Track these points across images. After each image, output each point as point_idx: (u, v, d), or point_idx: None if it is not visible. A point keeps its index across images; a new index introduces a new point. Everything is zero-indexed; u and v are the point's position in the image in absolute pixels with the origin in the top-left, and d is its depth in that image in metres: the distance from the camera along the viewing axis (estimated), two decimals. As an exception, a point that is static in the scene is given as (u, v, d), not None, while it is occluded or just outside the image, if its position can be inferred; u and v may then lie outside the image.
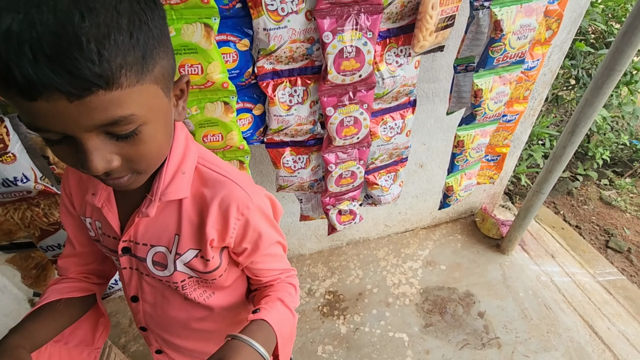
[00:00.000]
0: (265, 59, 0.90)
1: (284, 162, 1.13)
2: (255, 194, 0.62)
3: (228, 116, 0.91)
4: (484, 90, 1.06)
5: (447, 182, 1.28)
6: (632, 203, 2.61)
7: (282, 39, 0.86)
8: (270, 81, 0.95)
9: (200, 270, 0.63)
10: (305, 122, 1.04)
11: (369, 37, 0.87)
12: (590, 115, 1.47)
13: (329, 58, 0.88)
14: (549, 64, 1.68)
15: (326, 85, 0.94)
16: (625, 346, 1.72)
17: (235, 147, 0.99)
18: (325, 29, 0.84)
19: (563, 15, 1.02)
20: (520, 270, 2.06)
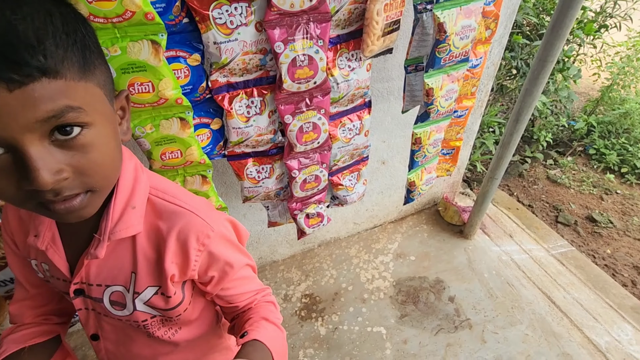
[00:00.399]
0: (219, 72, 0.89)
1: (248, 174, 1.13)
2: (215, 221, 0.59)
3: (185, 132, 0.90)
4: (435, 89, 1.11)
5: (409, 178, 1.33)
6: (574, 179, 2.85)
7: (234, 51, 0.85)
8: (226, 94, 0.94)
9: (162, 308, 0.60)
10: (265, 132, 1.04)
11: (320, 45, 0.89)
12: (530, 104, 1.59)
13: (283, 67, 0.89)
14: (491, 58, 1.80)
15: (282, 94, 0.95)
16: (580, 311, 1.88)
17: (196, 162, 0.97)
18: (276, 39, 0.85)
19: (499, 15, 1.10)
20: (483, 252, 2.18)
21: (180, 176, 0.99)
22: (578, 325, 1.81)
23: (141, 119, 0.84)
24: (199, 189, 1.03)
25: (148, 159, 0.92)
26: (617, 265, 2.26)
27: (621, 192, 2.71)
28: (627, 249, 2.35)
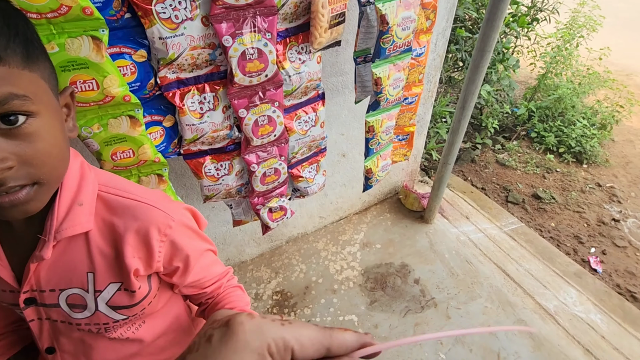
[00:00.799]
0: (167, 68, 0.88)
1: (206, 172, 1.12)
2: (174, 211, 0.60)
3: (136, 130, 0.88)
4: (383, 78, 1.17)
5: (366, 165, 1.38)
6: (520, 161, 3.08)
7: (181, 46, 0.85)
8: (177, 90, 0.93)
9: (127, 304, 0.59)
10: (220, 128, 1.04)
11: (268, 38, 0.91)
12: (474, 91, 1.70)
13: (233, 61, 0.90)
14: (436, 50, 1.90)
15: (234, 88, 0.96)
16: (531, 281, 2.04)
17: (150, 161, 0.95)
18: (224, 33, 0.85)
19: (437, 6, 1.18)
20: (443, 234, 2.30)
21: (135, 176, 0.97)
22: (530, 294, 1.97)
23: (87, 118, 0.81)
24: (156, 189, 1.00)
25: (98, 160, 0.89)
26: (560, 236, 2.48)
27: (560, 170, 2.97)
28: (568, 221, 2.58)
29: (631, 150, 3.18)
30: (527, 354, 1.69)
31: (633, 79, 4.31)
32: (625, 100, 3.14)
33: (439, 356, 1.71)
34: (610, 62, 4.37)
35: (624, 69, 4.55)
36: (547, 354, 1.68)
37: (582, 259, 2.32)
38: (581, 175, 2.92)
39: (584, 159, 3.01)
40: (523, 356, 1.69)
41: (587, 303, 1.93)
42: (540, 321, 1.83)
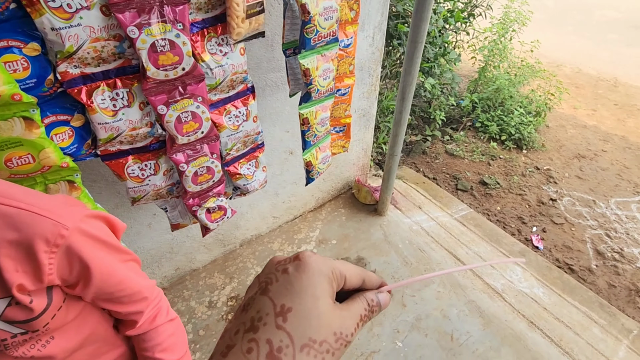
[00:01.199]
0: (67, 62, 0.81)
1: (129, 172, 1.05)
2: (68, 218, 0.55)
3: (33, 132, 0.80)
4: (311, 69, 1.16)
5: (305, 158, 1.37)
6: (467, 150, 3.22)
7: (80, 38, 0.79)
8: (82, 87, 0.86)
9: (23, 319, 0.53)
10: (140, 126, 0.98)
11: (180, 29, 0.86)
12: (411, 82, 1.75)
13: (142, 54, 0.85)
14: (375, 44, 1.94)
15: (149, 83, 0.90)
16: (480, 262, 2.13)
17: (57, 167, 0.87)
18: (128, 23, 0.80)
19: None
20: (396, 225, 2.35)
21: (40, 185, 0.88)
22: (479, 275, 2.05)
23: (-29, 121, 0.73)
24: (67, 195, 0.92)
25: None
26: (505, 218, 2.61)
27: (503, 156, 3.14)
28: (512, 203, 2.72)
29: (564, 134, 3.43)
30: (478, 332, 1.75)
31: (562, 69, 4.67)
32: (555, 89, 3.39)
33: (396, 344, 1.73)
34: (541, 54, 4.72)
35: (554, 60, 4.92)
36: (496, 330, 1.76)
37: (526, 238, 2.45)
38: (522, 160, 3.11)
39: (523, 145, 3.20)
40: (474, 334, 1.75)
41: (530, 279, 2.04)
42: (489, 300, 1.90)
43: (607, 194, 2.78)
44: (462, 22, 3.06)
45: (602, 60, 4.91)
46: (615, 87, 4.28)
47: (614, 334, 1.77)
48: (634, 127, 3.57)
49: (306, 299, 0.28)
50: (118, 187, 1.47)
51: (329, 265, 0.30)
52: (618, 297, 2.09)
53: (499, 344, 1.70)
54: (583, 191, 2.80)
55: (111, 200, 1.47)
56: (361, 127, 2.25)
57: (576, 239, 2.43)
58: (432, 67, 2.95)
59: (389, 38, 2.68)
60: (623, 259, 2.29)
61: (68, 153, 0.91)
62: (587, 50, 5.21)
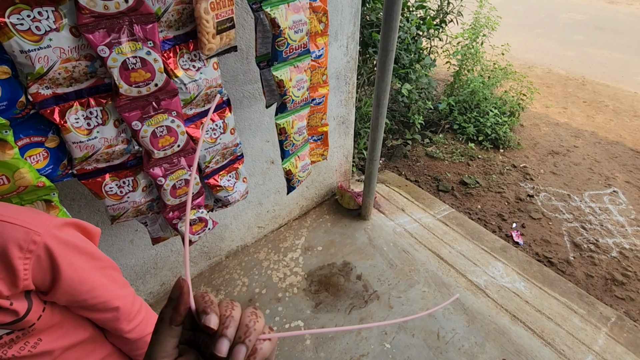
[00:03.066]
0: (38, 84, 0.82)
1: (107, 190, 1.05)
2: (40, 225, 0.56)
3: (7, 153, 0.80)
4: (285, 81, 1.19)
5: (285, 167, 1.39)
6: (446, 152, 3.30)
7: (50, 59, 0.80)
8: (55, 107, 0.87)
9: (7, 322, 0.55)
10: (115, 143, 0.99)
11: (150, 47, 0.89)
12: (385, 89, 1.80)
13: (114, 72, 0.86)
14: (349, 53, 1.99)
15: (122, 100, 0.92)
16: (463, 261, 2.18)
17: (33, 186, 0.87)
18: (98, 43, 0.82)
19: (327, 9, 1.24)
20: (380, 229, 2.38)
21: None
22: (462, 273, 2.10)
23: (-60, 145, 0.73)
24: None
25: (-37, 190, 0.80)
26: (486, 216, 2.69)
27: (481, 156, 3.24)
28: (492, 201, 2.80)
29: (537, 132, 3.56)
30: (463, 329, 1.79)
31: (533, 70, 4.86)
32: (527, 89, 3.53)
33: (385, 346, 1.75)
34: (513, 57, 4.90)
35: (525, 62, 5.11)
36: (480, 325, 1.80)
37: (506, 234, 2.53)
38: (499, 159, 3.21)
39: (500, 144, 3.31)
40: (460, 331, 1.78)
41: (512, 274, 2.10)
42: (472, 296, 1.95)
43: (581, 188, 2.89)
44: (435, 28, 3.16)
45: (570, 60, 5.13)
46: (583, 86, 4.47)
47: (593, 323, 1.83)
48: (602, 122, 3.73)
49: None
50: (98, 204, 1.46)
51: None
52: (595, 286, 2.17)
53: (483, 339, 1.74)
54: (558, 186, 2.91)
55: (91, 218, 1.46)
56: (341, 134, 2.29)
57: (554, 232, 2.51)
58: (408, 73, 3.04)
59: (364, 46, 2.75)
60: (599, 250, 2.38)
61: (44, 174, 0.91)
62: (555, 51, 5.44)
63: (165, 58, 0.97)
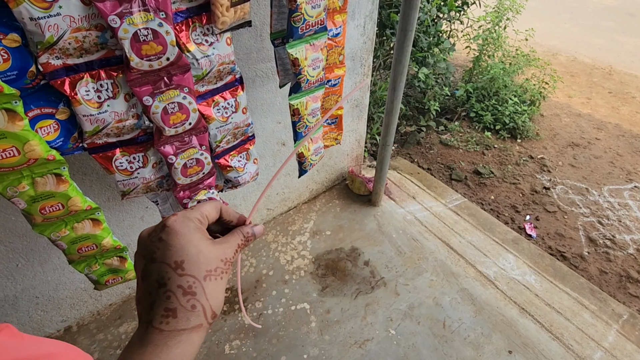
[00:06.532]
0: (48, 53, 0.80)
1: (117, 165, 1.05)
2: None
3: (17, 124, 0.79)
4: (300, 59, 1.15)
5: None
6: (461, 140, 3.22)
7: (60, 28, 0.77)
8: (66, 78, 0.85)
9: None
10: (126, 118, 0.98)
11: (162, 18, 0.85)
12: (402, 72, 1.74)
13: (125, 44, 0.83)
14: (366, 33, 1.92)
15: (133, 73, 0.89)
16: (472, 251, 2.15)
17: (43, 159, 0.86)
18: (109, 12, 0.79)
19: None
20: (390, 215, 2.36)
21: (27, 178, 0.88)
22: (472, 263, 2.07)
23: (-49, 113, 0.72)
24: (55, 190, 0.92)
25: (-25, 160, 0.80)
26: (499, 207, 2.63)
27: (497, 146, 3.15)
28: (506, 192, 2.74)
29: (558, 123, 3.44)
30: (470, 319, 1.78)
31: (557, 57, 4.66)
32: (550, 78, 3.38)
33: (389, 332, 1.75)
34: (536, 43, 4.70)
35: (549, 49, 4.90)
36: (487, 316, 1.78)
37: (519, 226, 2.47)
38: (516, 150, 3.12)
39: (518, 134, 3.21)
40: (466, 321, 1.77)
41: (523, 266, 2.06)
42: (481, 288, 1.93)
43: (600, 182, 2.79)
44: (456, 10, 3.03)
45: (597, 48, 4.90)
46: (610, 75, 4.27)
47: (604, 319, 1.79)
48: (627, 114, 3.58)
49: (188, 248, 0.36)
50: (108, 180, 1.46)
51: (190, 216, 0.39)
52: (609, 283, 2.12)
53: (490, 330, 1.73)
54: (576, 179, 2.82)
55: (102, 194, 1.47)
56: (354, 117, 2.24)
57: (569, 226, 2.45)
58: (426, 57, 2.93)
59: (382, 28, 2.66)
60: (615, 246, 2.32)
61: (54, 147, 0.91)
62: (582, 38, 5.19)
63: (177, 31, 0.94)
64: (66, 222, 1.01)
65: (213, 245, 0.38)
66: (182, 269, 0.35)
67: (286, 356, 1.67)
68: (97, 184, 1.43)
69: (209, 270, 0.37)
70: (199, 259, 0.36)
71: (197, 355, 1.68)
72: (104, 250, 1.13)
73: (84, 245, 1.07)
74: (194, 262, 0.36)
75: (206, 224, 0.41)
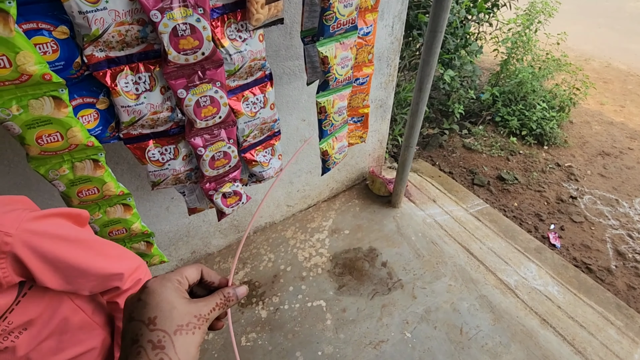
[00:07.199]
0: (93, 46, 0.84)
1: (150, 156, 1.08)
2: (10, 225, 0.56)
3: (62, 111, 0.83)
4: (330, 57, 1.16)
5: (321, 147, 1.37)
6: (485, 145, 3.15)
7: (105, 22, 0.81)
8: (107, 70, 0.89)
9: None
10: (160, 110, 1.01)
11: (200, 13, 0.88)
12: (429, 73, 1.72)
13: (164, 38, 0.87)
14: (394, 33, 1.91)
15: (170, 67, 0.93)
16: (493, 258, 2.11)
17: (83, 145, 0.91)
18: (151, 7, 0.82)
19: (380, -16, 1.17)
20: (410, 218, 2.34)
21: (67, 162, 0.92)
22: (492, 270, 2.03)
23: (4, 99, 0.77)
24: (92, 175, 0.96)
25: (22, 145, 0.84)
26: (522, 215, 2.56)
27: (523, 152, 3.07)
28: (530, 200, 2.67)
29: (588, 130, 3.32)
30: (488, 327, 1.74)
31: (590, 63, 4.49)
32: (582, 83, 3.27)
33: (405, 335, 1.74)
34: (568, 47, 4.54)
35: (582, 54, 4.72)
36: (507, 325, 1.74)
37: (542, 235, 2.41)
38: (542, 156, 3.03)
39: (545, 140, 3.11)
40: (484, 329, 1.74)
41: (545, 276, 2.01)
42: (500, 296, 1.89)
43: (632, 194, 2.68)
44: (485, 12, 2.97)
45: (633, 54, 4.69)
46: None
47: (630, 337, 1.73)
48: (664, 125, 3.41)
49: (162, 305, 0.37)
50: (139, 170, 1.51)
51: (170, 277, 0.40)
52: (637, 299, 2.03)
53: (509, 340, 1.69)
54: (606, 190, 2.72)
55: (132, 183, 1.52)
56: (377, 118, 2.23)
57: (595, 238, 2.36)
58: (452, 59, 2.89)
59: (409, 28, 2.63)
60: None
61: (93, 135, 0.95)
62: (617, 43, 4.98)
63: (213, 27, 0.96)
64: (100, 206, 1.05)
65: (189, 302, 0.39)
66: (154, 324, 0.36)
67: (301, 352, 1.69)
68: (127, 173, 1.48)
69: (180, 325, 0.37)
70: (171, 314, 0.37)
71: (214, 345, 1.72)
72: (133, 235, 1.17)
73: (115, 229, 1.12)
74: (166, 317, 0.37)
75: (186, 285, 0.41)
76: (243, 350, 1.70)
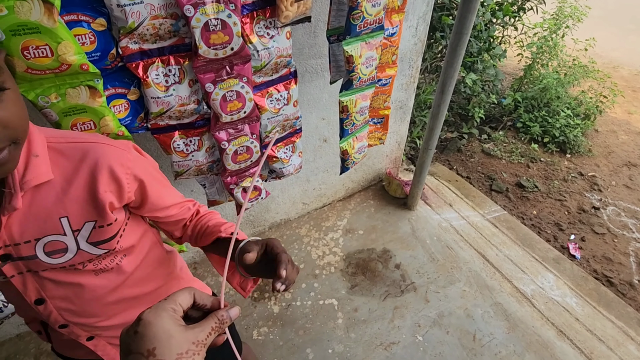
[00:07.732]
0: (128, 38, 0.87)
1: (175, 147, 1.11)
2: (125, 146, 0.65)
3: (96, 101, 0.86)
4: (355, 57, 1.16)
5: (342, 146, 1.38)
6: (505, 151, 3.10)
7: (141, 15, 0.84)
8: (140, 62, 0.92)
9: (105, 239, 0.63)
10: (188, 102, 1.03)
11: (232, 9, 0.90)
12: (452, 75, 1.71)
13: (196, 32, 0.89)
14: (417, 35, 1.90)
15: (200, 61, 0.95)
16: (510, 266, 2.07)
17: (114, 134, 0.94)
18: (185, 2, 0.84)
19: (408, -16, 1.17)
20: (425, 221, 2.32)
21: (99, 150, 0.96)
22: (508, 278, 2.00)
23: (44, 87, 0.80)
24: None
25: (58, 131, 0.88)
26: (542, 223, 2.51)
27: (544, 159, 3.00)
28: (550, 209, 2.61)
29: (614, 140, 3.21)
30: (502, 335, 1.71)
31: (619, 70, 4.35)
32: (609, 91, 3.17)
33: (417, 338, 1.73)
34: (596, 54, 4.41)
35: (611, 61, 4.58)
36: (522, 335, 1.71)
37: (562, 245, 2.35)
38: (564, 165, 2.95)
39: (568, 148, 3.04)
40: (498, 337, 1.71)
41: (563, 287, 1.96)
42: (516, 304, 1.85)
43: (658, 207, 2.59)
44: (511, 16, 2.91)
45: (665, 63, 4.52)
46: (677, 93, 3.93)
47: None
48: (695, 137, 3.28)
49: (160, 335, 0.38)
50: (161, 161, 1.54)
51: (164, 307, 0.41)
52: (660, 315, 1.96)
53: (523, 349, 1.66)
54: (631, 201, 2.63)
55: (154, 174, 1.56)
56: (397, 119, 2.22)
57: (618, 251, 2.29)
58: (475, 62, 2.85)
59: (432, 30, 2.61)
60: (670, 277, 2.14)
61: (124, 124, 0.98)
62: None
63: (243, 23, 0.98)
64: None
65: (185, 330, 0.40)
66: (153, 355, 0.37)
67: (311, 348, 1.70)
68: (150, 164, 1.52)
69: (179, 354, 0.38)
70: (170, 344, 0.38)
71: (227, 337, 1.74)
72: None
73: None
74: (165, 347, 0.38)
75: (180, 311, 0.42)
76: (254, 343, 1.72)
